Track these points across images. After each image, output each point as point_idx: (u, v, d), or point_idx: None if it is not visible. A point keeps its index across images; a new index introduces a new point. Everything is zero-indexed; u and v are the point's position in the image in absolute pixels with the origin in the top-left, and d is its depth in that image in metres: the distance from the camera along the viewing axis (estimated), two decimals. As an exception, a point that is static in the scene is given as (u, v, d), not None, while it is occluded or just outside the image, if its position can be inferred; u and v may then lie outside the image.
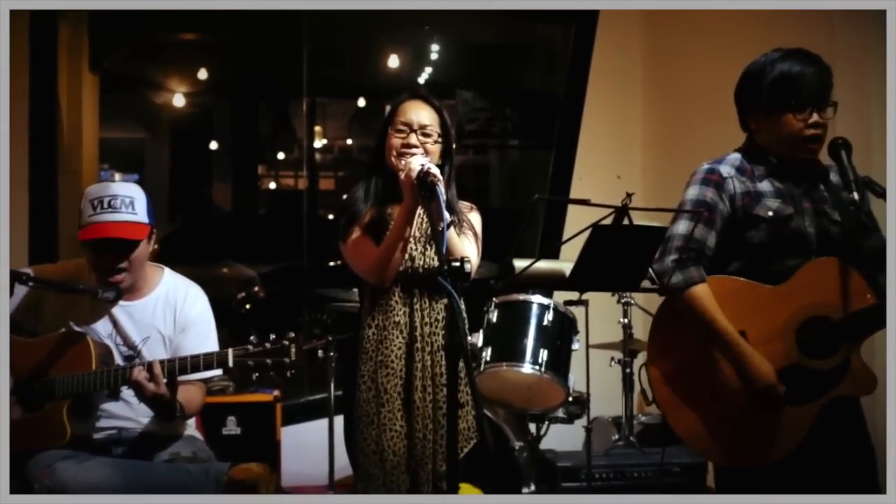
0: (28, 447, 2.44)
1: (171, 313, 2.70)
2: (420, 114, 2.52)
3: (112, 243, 2.56)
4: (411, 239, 2.49)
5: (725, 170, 2.45)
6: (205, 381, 2.72)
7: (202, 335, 2.71)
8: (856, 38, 2.35)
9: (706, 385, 2.40)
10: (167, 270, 2.79)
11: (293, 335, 2.43)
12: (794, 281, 2.35)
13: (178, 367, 2.46)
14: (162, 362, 2.46)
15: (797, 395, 2.33)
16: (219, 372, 2.56)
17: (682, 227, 2.43)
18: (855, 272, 2.34)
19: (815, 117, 2.35)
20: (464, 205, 2.62)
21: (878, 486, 2.36)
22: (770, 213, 2.37)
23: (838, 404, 2.35)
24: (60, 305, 2.64)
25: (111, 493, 2.39)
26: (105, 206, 2.56)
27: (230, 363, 2.43)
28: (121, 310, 2.66)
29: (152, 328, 2.68)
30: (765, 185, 2.41)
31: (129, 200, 2.58)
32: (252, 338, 2.43)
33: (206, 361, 2.46)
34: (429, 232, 2.51)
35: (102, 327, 2.65)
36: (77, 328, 2.57)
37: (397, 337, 2.50)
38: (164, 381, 2.44)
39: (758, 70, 2.41)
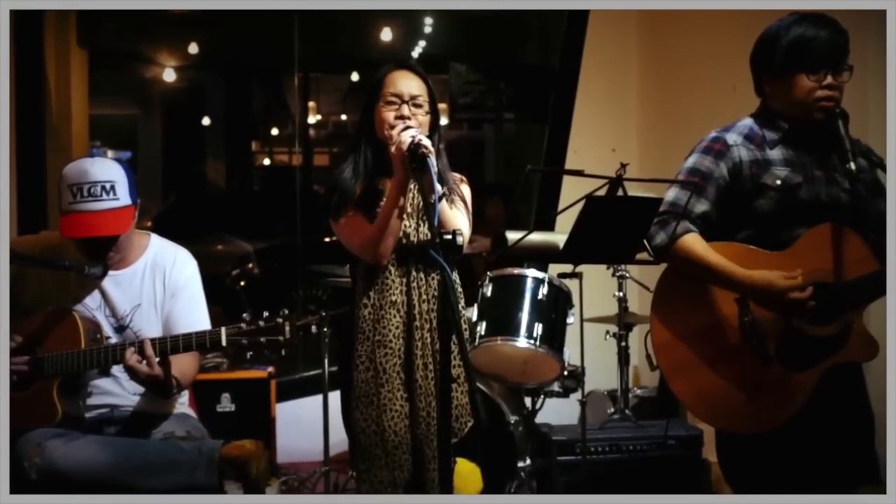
0: (20, 427, 2.42)
1: (160, 278, 2.66)
2: (410, 84, 2.47)
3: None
4: (405, 215, 2.44)
5: (732, 138, 2.42)
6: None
7: (193, 299, 2.68)
8: (853, 37, 2.33)
9: (708, 351, 2.39)
10: (153, 236, 2.73)
11: (286, 312, 2.39)
12: (796, 247, 2.33)
13: (171, 346, 2.43)
14: (153, 341, 2.43)
15: (798, 361, 2.32)
16: None
17: (671, 194, 2.42)
18: (858, 239, 2.32)
19: (829, 79, 2.32)
20: (454, 176, 2.58)
21: (874, 454, 2.36)
22: (778, 182, 2.35)
23: (840, 371, 2.33)
24: (47, 279, 2.60)
25: (102, 471, 2.38)
26: (85, 193, 2.49)
27: (223, 342, 2.40)
28: (109, 280, 2.61)
29: (141, 295, 2.64)
30: (774, 154, 2.39)
31: (109, 186, 2.51)
32: (245, 315, 2.40)
33: (198, 341, 2.42)
34: (421, 206, 2.47)
35: (91, 300, 2.62)
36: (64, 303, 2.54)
37: (394, 316, 2.46)
38: (157, 360, 2.41)
39: (773, 33, 2.39)
